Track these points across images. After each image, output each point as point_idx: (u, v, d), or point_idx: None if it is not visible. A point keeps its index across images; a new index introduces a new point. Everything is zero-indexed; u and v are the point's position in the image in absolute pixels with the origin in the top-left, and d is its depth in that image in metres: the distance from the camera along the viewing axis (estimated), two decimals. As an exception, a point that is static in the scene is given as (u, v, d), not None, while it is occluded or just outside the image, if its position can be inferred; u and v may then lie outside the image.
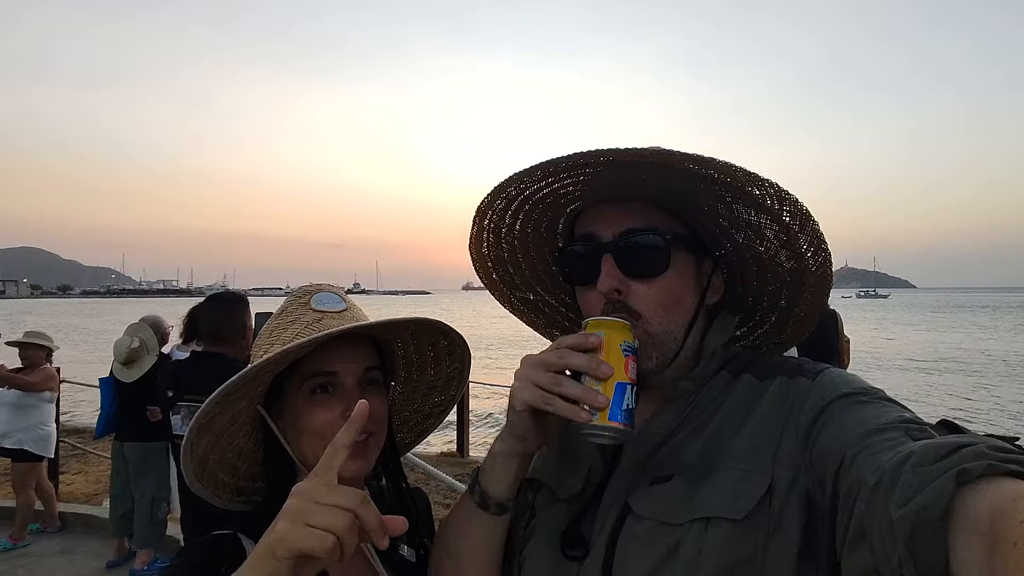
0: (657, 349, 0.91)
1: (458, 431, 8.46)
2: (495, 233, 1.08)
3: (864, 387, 0.81)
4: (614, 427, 0.80)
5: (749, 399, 0.88)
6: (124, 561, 4.95)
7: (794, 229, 0.90)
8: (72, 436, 8.28)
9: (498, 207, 1.01)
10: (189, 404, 3.01)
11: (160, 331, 4.98)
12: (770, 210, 0.88)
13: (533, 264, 1.13)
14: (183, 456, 0.98)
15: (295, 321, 1.05)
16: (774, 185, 0.84)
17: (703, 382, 0.93)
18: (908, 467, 0.59)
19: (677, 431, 0.90)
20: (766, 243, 0.95)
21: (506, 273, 1.15)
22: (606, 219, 0.94)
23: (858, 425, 0.72)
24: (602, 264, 0.91)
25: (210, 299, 3.29)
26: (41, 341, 5.60)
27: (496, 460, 0.93)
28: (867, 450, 0.67)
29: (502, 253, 1.12)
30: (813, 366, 0.89)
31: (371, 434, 1.02)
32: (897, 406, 0.76)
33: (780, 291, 1.01)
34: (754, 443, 0.83)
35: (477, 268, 1.15)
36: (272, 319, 1.09)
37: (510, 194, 0.98)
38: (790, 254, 0.94)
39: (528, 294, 1.19)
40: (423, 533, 1.16)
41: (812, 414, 0.80)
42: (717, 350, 0.96)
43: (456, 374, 1.24)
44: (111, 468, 5.04)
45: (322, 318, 1.05)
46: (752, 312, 1.07)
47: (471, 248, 1.11)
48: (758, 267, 0.99)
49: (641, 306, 0.90)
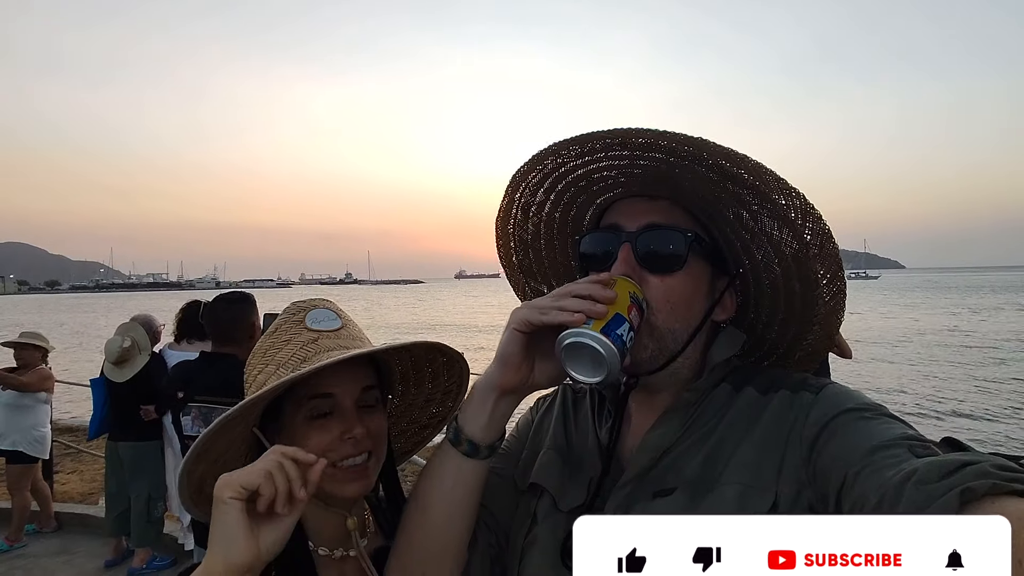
0: (655, 342, 0.91)
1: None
2: (524, 210, 1.07)
3: (867, 403, 0.82)
4: (604, 341, 0.79)
5: (751, 413, 0.88)
6: (122, 560, 4.95)
7: (814, 251, 0.87)
8: (65, 435, 8.22)
9: (532, 180, 1.01)
10: (200, 405, 3.02)
11: (152, 330, 4.94)
12: (792, 224, 0.86)
13: (554, 253, 1.13)
14: (179, 484, 0.98)
15: (290, 341, 1.03)
16: (800, 196, 0.83)
17: (705, 394, 0.93)
18: (911, 485, 0.59)
19: (678, 443, 0.91)
20: (783, 264, 0.93)
21: (526, 258, 1.15)
22: (633, 212, 0.95)
23: (862, 441, 0.73)
24: (619, 251, 0.92)
25: (218, 299, 3.28)
26: (37, 342, 5.55)
27: (474, 393, 0.93)
28: (871, 467, 0.68)
29: (526, 235, 1.11)
30: (816, 381, 0.89)
31: (371, 454, 1.02)
32: (900, 423, 0.76)
33: (790, 321, 0.99)
34: (756, 458, 0.83)
35: (499, 247, 1.15)
36: (266, 336, 1.07)
37: (546, 167, 0.97)
38: (803, 281, 0.92)
39: (542, 287, 1.18)
40: None
41: (815, 429, 0.80)
42: (720, 363, 0.95)
43: (454, 387, 1.24)
44: (105, 468, 5.03)
45: (318, 338, 1.03)
46: (761, 342, 1.05)
47: (498, 223, 1.11)
48: (772, 292, 0.98)
49: (648, 295, 0.90)
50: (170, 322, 4.82)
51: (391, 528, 1.10)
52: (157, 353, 4.77)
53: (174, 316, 4.71)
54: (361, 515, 1.11)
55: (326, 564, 1.02)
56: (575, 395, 1.14)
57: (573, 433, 1.07)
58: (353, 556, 1.04)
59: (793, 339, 1.02)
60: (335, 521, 1.04)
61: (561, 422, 1.10)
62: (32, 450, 5.39)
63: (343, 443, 0.99)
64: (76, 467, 7.49)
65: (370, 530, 1.13)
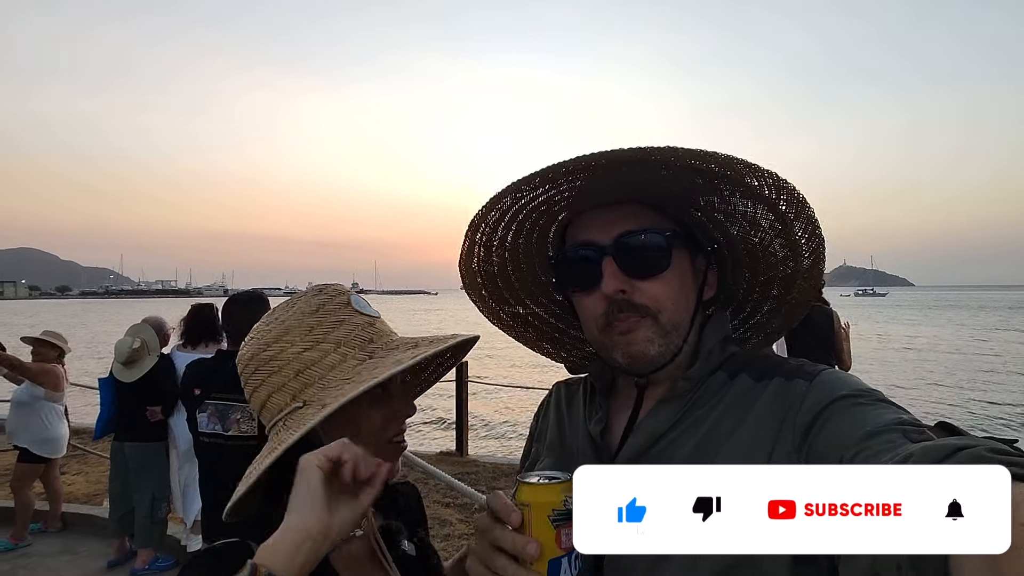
0: (662, 338, 0.91)
1: (457, 431, 8.50)
2: (486, 247, 1.06)
3: (862, 388, 0.81)
4: None
5: (745, 400, 0.88)
6: (125, 560, 4.95)
7: (789, 217, 0.90)
8: (72, 437, 8.26)
9: (491, 219, 1.00)
10: (216, 403, 3.04)
11: (162, 332, 4.99)
12: (767, 200, 0.89)
13: (524, 276, 1.12)
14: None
15: (344, 322, 1.01)
16: (773, 175, 0.84)
17: (699, 381, 0.93)
18: None
19: (672, 430, 0.90)
20: (761, 233, 0.95)
21: (495, 288, 1.14)
22: (602, 223, 0.94)
23: (856, 427, 0.72)
24: (603, 267, 0.91)
25: (231, 300, 3.34)
26: (55, 340, 5.61)
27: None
28: (865, 452, 0.67)
29: (492, 268, 1.10)
30: (811, 367, 0.88)
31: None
32: (895, 408, 0.75)
33: (772, 281, 1.01)
34: (749, 444, 0.83)
35: (466, 284, 1.14)
36: (302, 315, 1.01)
37: (505, 204, 0.96)
38: (784, 243, 0.95)
39: (518, 308, 1.18)
40: (418, 525, 1.17)
41: (810, 416, 0.79)
42: (714, 349, 0.96)
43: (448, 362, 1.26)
44: (110, 468, 5.05)
45: (373, 322, 1.03)
46: (744, 304, 1.08)
47: (461, 265, 1.09)
48: (750, 258, 1.00)
49: (647, 300, 0.91)
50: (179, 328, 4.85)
51: (386, 509, 1.13)
52: (166, 355, 4.81)
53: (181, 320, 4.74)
54: None
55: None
56: (568, 392, 1.14)
57: (567, 430, 1.07)
58: (360, 536, 1.03)
59: (778, 295, 1.03)
60: None
61: (556, 423, 1.10)
62: (38, 449, 5.41)
63: (395, 422, 1.02)
64: (82, 468, 7.51)
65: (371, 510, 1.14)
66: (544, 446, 1.09)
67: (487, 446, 10.62)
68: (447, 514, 5.59)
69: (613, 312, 0.91)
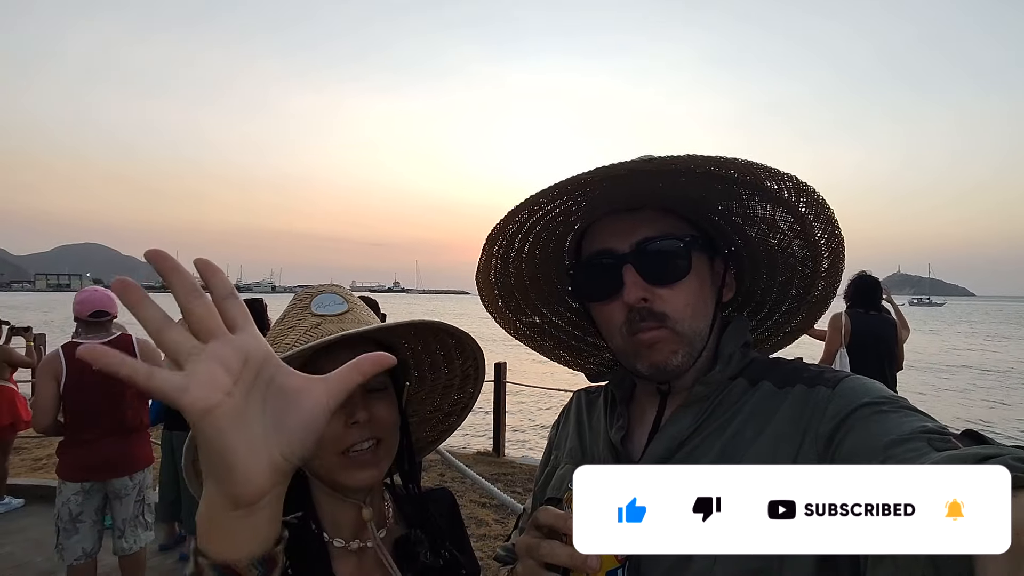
0: (685, 347, 0.91)
1: (494, 430, 8.51)
2: (503, 259, 1.06)
3: (886, 395, 0.79)
4: None
5: (767, 407, 0.87)
6: (175, 545, 5.17)
7: (809, 219, 0.90)
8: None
9: (509, 232, 1.00)
10: None
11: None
12: (787, 202, 0.89)
13: (540, 287, 1.12)
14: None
15: (294, 328, 1.02)
16: (793, 178, 0.84)
17: (719, 386, 0.92)
18: None
19: (694, 436, 0.90)
20: (779, 235, 0.95)
21: (512, 299, 1.14)
22: (619, 231, 0.94)
23: (880, 435, 0.71)
24: (624, 275, 0.91)
25: None
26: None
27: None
28: (889, 461, 0.66)
29: (508, 279, 1.11)
30: (834, 374, 0.87)
31: (379, 441, 1.00)
32: (920, 415, 0.74)
33: (791, 281, 1.01)
34: (771, 452, 0.82)
35: (483, 296, 1.14)
36: (275, 323, 1.07)
37: (522, 217, 0.96)
38: (803, 243, 0.95)
39: (534, 317, 1.18)
40: (443, 536, 1.11)
41: (833, 423, 0.78)
42: (735, 353, 0.95)
43: (472, 371, 1.23)
44: (160, 457, 5.27)
45: (321, 323, 1.02)
46: (762, 304, 1.07)
47: (478, 277, 1.09)
48: (768, 260, 1.00)
49: (668, 308, 0.90)
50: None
51: (413, 517, 1.10)
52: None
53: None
54: (380, 505, 1.09)
55: (342, 555, 1.00)
56: (589, 399, 1.14)
57: (587, 438, 1.07)
58: (370, 547, 1.03)
59: (797, 295, 1.03)
60: (351, 512, 1.02)
61: (575, 431, 1.11)
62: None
63: (350, 430, 0.96)
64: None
65: (389, 520, 1.10)
66: (564, 453, 1.09)
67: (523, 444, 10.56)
68: (483, 514, 5.63)
69: (635, 320, 0.91)
